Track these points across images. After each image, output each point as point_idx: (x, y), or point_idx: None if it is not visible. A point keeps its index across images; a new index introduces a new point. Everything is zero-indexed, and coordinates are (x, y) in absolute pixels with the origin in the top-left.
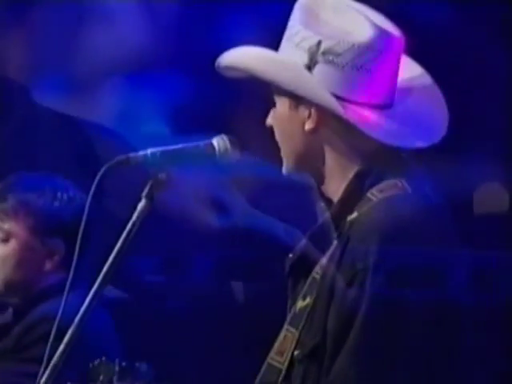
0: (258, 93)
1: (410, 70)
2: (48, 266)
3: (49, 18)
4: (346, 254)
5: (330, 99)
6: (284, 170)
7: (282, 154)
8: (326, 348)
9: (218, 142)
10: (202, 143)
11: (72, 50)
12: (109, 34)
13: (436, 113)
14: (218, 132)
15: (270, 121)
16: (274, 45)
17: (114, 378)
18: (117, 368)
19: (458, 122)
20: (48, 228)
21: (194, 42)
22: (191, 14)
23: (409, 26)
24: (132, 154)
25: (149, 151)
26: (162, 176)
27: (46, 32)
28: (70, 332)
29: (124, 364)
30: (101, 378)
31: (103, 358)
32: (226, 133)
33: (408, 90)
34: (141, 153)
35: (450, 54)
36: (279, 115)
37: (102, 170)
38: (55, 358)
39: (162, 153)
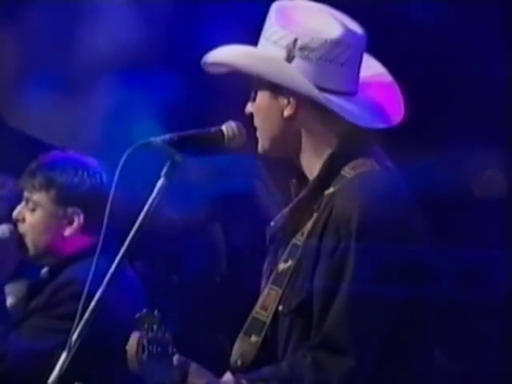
0: (245, 90)
1: (370, 66)
2: (69, 231)
3: (40, 16)
4: (329, 222)
5: (310, 87)
6: (260, 150)
7: (260, 137)
8: (313, 303)
9: (227, 127)
10: (212, 129)
11: (63, 48)
12: (100, 32)
13: (392, 101)
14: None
15: (249, 109)
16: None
17: (155, 326)
18: (157, 317)
19: (458, 111)
20: (68, 199)
21: (184, 41)
22: (181, 13)
23: (409, 24)
24: (153, 138)
25: (167, 136)
26: (178, 158)
27: (38, 31)
28: (99, 292)
29: (161, 314)
30: (145, 325)
31: (145, 310)
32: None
33: (368, 82)
34: (161, 137)
35: (449, 47)
36: (260, 104)
37: (127, 152)
38: (87, 315)
39: (179, 137)
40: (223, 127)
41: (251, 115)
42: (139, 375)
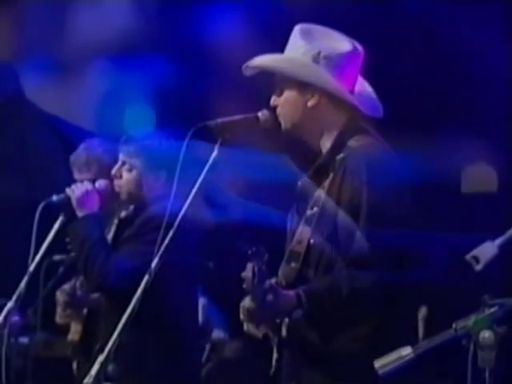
0: (238, 78)
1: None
2: (156, 185)
3: (35, 1)
4: (344, 177)
5: (335, 85)
6: (283, 131)
7: (284, 122)
8: (337, 236)
9: (262, 113)
10: (249, 115)
11: (58, 32)
12: (94, 17)
13: (375, 101)
14: (200, 114)
15: (274, 102)
16: (253, 28)
17: (263, 259)
18: (264, 253)
19: (448, 104)
20: (156, 164)
21: (177, 27)
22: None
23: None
24: (208, 122)
25: (219, 120)
26: (227, 136)
27: (33, 15)
28: (176, 222)
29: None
30: (256, 258)
31: (255, 248)
32: (207, 114)
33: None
34: (214, 121)
35: (447, 43)
36: (288, 98)
37: (190, 132)
38: (166, 241)
39: (222, 121)
40: (259, 113)
41: (274, 107)
42: None
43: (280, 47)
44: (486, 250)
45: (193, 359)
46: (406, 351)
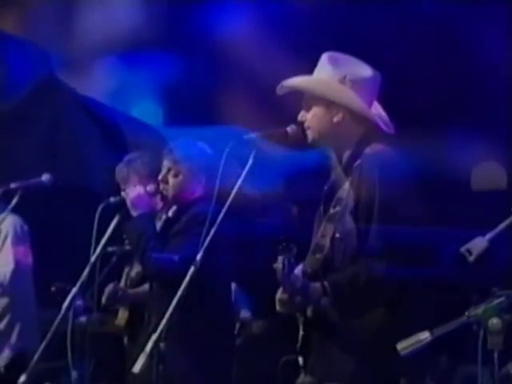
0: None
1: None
2: (197, 188)
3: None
4: (361, 179)
5: (362, 104)
6: (310, 141)
7: (311, 133)
8: (357, 230)
9: (290, 128)
10: (279, 129)
11: (65, 29)
12: (103, 14)
13: (387, 119)
14: (205, 110)
15: (302, 118)
16: (258, 25)
17: (292, 252)
18: (293, 247)
19: (460, 105)
20: (198, 170)
21: (185, 24)
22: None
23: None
24: (245, 136)
25: (254, 134)
26: (263, 148)
27: (39, 12)
28: (218, 221)
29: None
30: (286, 251)
31: (285, 242)
32: (213, 109)
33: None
34: (251, 134)
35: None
36: (316, 114)
37: (230, 144)
38: (211, 233)
39: (257, 135)
40: (288, 128)
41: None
42: None
43: (286, 46)
44: (478, 244)
45: (228, 335)
46: (424, 335)
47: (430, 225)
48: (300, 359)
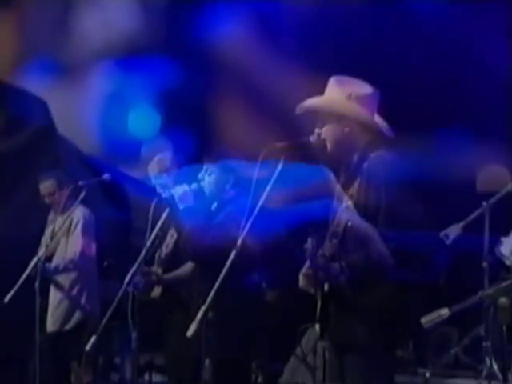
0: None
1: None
2: (228, 187)
3: (39, 2)
4: (368, 179)
5: (369, 117)
6: (329, 152)
7: (328, 144)
8: (367, 221)
9: (313, 137)
10: (303, 138)
11: (62, 34)
12: (99, 19)
13: (387, 126)
14: (202, 115)
15: (317, 134)
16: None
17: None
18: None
19: (464, 108)
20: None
21: (182, 28)
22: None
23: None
24: (276, 144)
25: (281, 143)
26: (288, 155)
27: (37, 16)
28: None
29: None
30: (314, 234)
31: (313, 228)
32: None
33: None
34: (278, 143)
35: (455, 44)
36: (331, 129)
37: (263, 152)
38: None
39: (284, 144)
40: (311, 137)
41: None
42: None
43: (283, 49)
44: (454, 230)
45: (254, 301)
46: (444, 311)
47: (434, 222)
48: (317, 326)
